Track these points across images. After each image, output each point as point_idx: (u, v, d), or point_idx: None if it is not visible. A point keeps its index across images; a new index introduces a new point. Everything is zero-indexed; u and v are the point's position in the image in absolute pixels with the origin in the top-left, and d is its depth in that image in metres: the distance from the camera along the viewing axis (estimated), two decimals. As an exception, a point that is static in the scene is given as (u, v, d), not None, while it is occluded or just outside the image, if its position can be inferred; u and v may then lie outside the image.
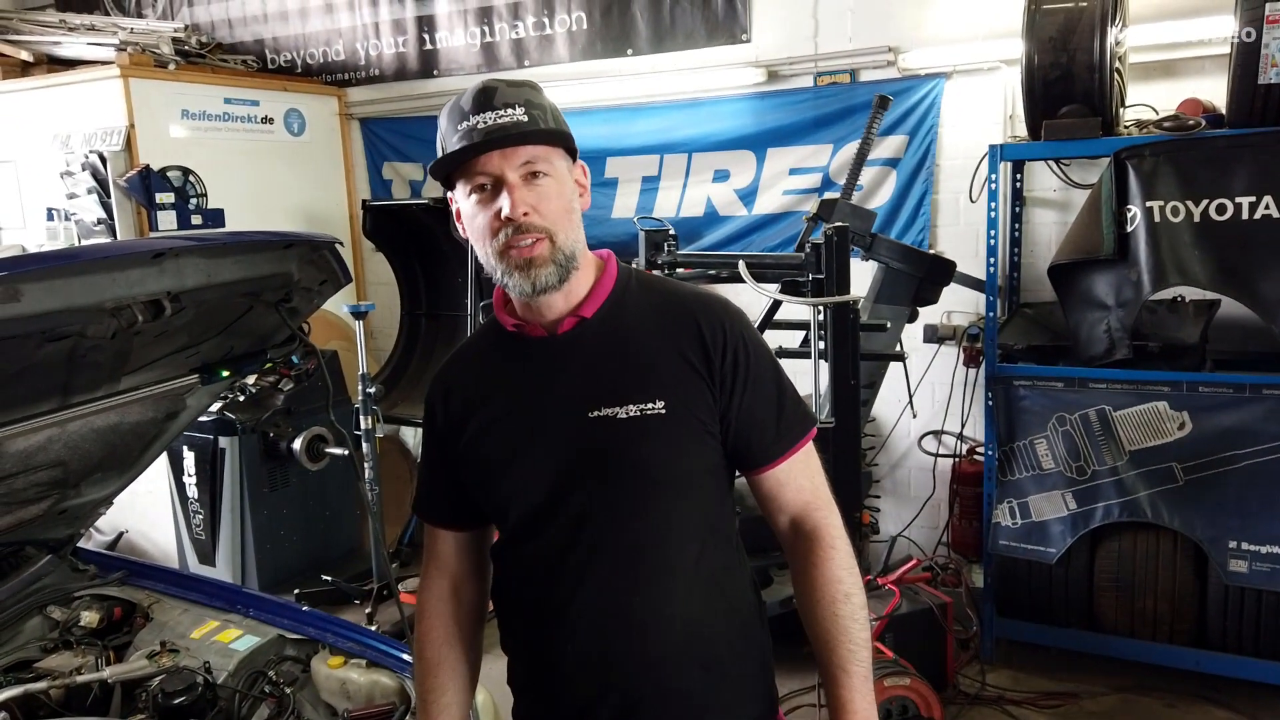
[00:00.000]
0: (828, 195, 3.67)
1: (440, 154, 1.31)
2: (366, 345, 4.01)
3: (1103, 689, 3.37)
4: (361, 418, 3.92)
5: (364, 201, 4.98)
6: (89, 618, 2.11)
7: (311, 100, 5.25)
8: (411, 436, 4.99)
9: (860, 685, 1.35)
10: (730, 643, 1.40)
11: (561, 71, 4.69)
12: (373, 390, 3.93)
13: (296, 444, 4.04)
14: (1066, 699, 3.32)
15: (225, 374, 2.03)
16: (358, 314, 3.95)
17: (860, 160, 3.52)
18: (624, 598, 1.33)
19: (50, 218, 4.64)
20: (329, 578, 4.05)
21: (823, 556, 1.38)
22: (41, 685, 1.82)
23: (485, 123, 1.25)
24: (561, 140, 1.32)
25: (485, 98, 1.27)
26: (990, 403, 3.45)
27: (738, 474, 1.45)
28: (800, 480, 1.40)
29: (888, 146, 4.06)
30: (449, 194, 1.36)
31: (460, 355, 1.52)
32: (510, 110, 1.26)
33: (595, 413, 1.31)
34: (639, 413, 1.30)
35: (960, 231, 4.02)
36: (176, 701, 1.77)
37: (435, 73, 5.04)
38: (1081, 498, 3.30)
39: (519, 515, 1.38)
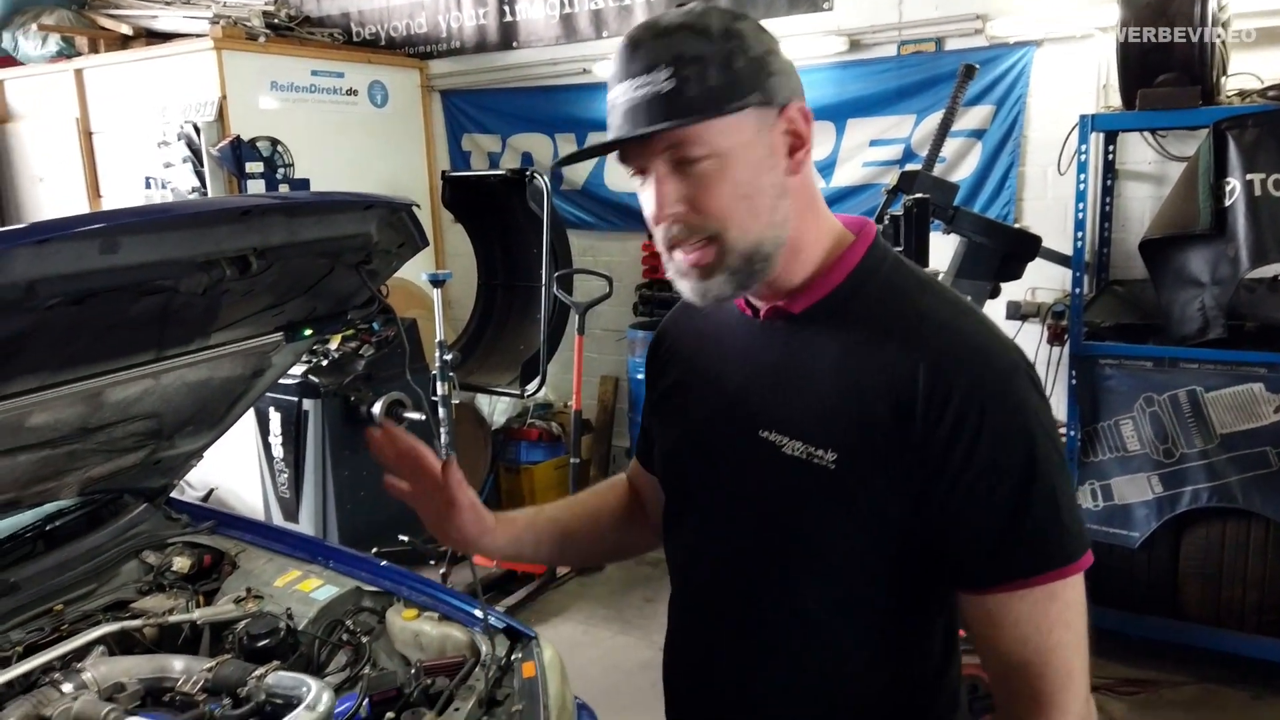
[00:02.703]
0: (909, 167, 3.59)
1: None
2: (444, 314, 4.09)
3: (1184, 678, 3.27)
4: (438, 384, 4.00)
5: (443, 172, 5.06)
6: (181, 563, 2.20)
7: (394, 72, 5.34)
8: (486, 405, 5.08)
9: None
10: None
11: (640, 42, 4.67)
12: (449, 357, 4.01)
13: (376, 408, 4.14)
14: (1146, 687, 3.23)
15: (308, 333, 2.08)
16: (436, 282, 4.02)
17: (943, 131, 3.43)
18: (737, 671, 1.13)
19: (148, 186, 4.83)
20: (405, 537, 4.16)
21: None
22: (137, 623, 1.92)
23: (623, 97, 0.98)
24: (736, 98, 0.97)
25: (625, 59, 0.98)
26: (1074, 382, 3.35)
27: None
28: (1023, 629, 0.98)
29: (973, 117, 3.95)
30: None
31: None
32: (651, 76, 0.95)
33: (765, 433, 1.05)
34: (805, 455, 1.01)
35: (1047, 205, 3.90)
36: (260, 644, 1.84)
37: (515, 44, 5.08)
38: (1168, 481, 3.19)
39: (665, 494, 1.24)
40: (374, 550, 4.04)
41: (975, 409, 0.96)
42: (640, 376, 1.63)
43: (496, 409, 5.10)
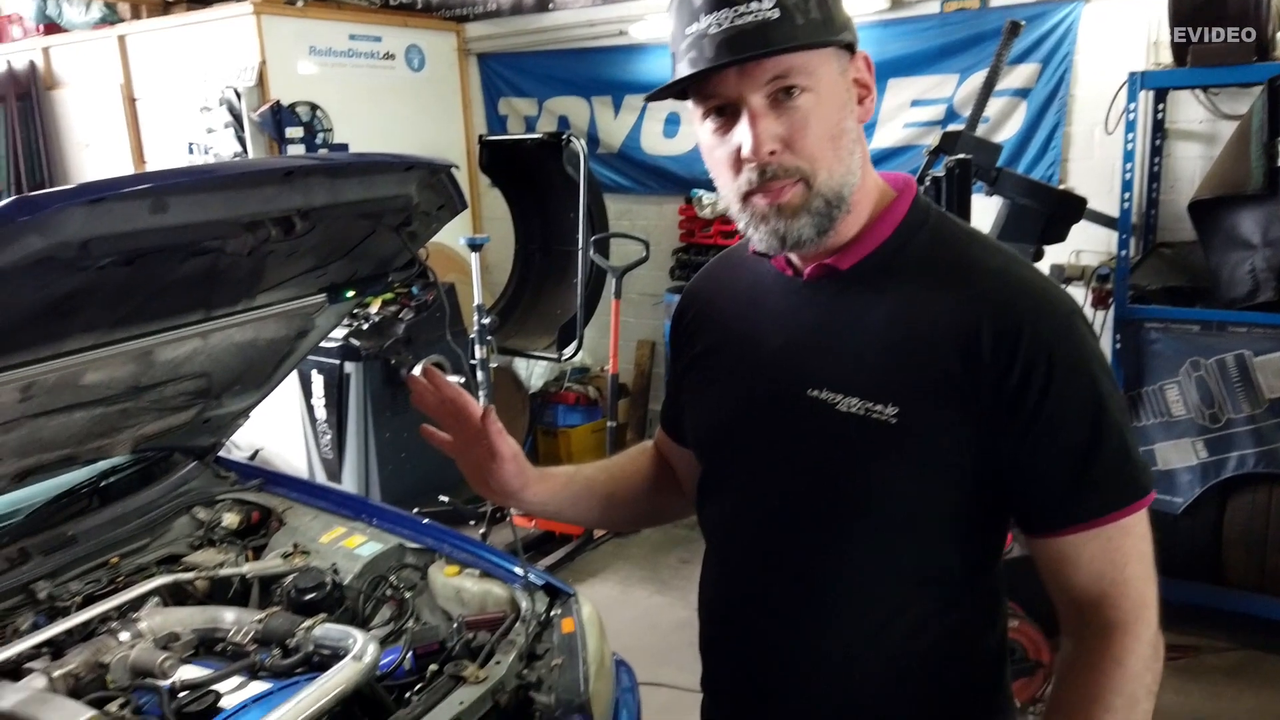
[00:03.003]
0: (951, 128, 3.53)
1: (672, 61, 1.02)
2: (482, 278, 4.11)
3: (1226, 644, 3.25)
4: (477, 347, 4.04)
5: (480, 136, 5.06)
6: (230, 519, 2.26)
7: (431, 36, 5.33)
8: (524, 368, 5.11)
9: None
10: None
11: (677, 2, 4.62)
12: (488, 321, 4.04)
13: (416, 371, 4.18)
14: (1187, 653, 3.21)
15: (350, 294, 2.11)
16: (474, 246, 4.05)
17: (987, 90, 3.36)
18: (781, 637, 1.11)
19: (190, 151, 4.89)
20: (445, 498, 4.23)
21: (1097, 667, 1.00)
22: (189, 576, 1.97)
23: (718, 26, 0.94)
24: (834, 32, 0.98)
25: None
26: (1118, 346, 3.30)
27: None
28: (1098, 564, 1.00)
29: (1018, 76, 3.87)
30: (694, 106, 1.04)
31: (719, 262, 1.27)
32: (754, 4, 0.93)
33: (814, 392, 1.03)
34: (863, 411, 1.00)
35: (1093, 166, 3.82)
36: (308, 598, 1.88)
37: (551, 6, 5.04)
38: (1214, 446, 3.14)
39: (703, 461, 1.22)
40: (415, 511, 4.12)
41: (1043, 354, 0.96)
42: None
43: (534, 373, 5.14)
